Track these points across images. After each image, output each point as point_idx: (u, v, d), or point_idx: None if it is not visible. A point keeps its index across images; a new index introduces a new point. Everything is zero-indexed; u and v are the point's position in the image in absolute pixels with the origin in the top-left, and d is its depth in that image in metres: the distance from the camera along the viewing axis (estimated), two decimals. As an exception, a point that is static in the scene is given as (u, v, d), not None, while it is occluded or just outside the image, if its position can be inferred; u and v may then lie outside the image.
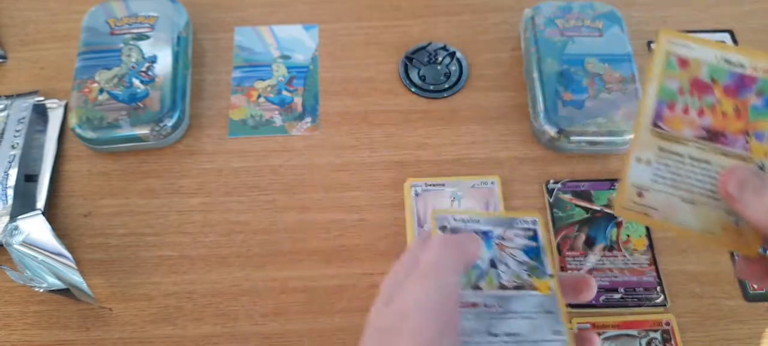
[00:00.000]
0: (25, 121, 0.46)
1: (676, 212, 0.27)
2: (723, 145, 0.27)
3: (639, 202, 0.28)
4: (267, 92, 0.49)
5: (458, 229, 0.28)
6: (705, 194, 0.27)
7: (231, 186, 0.45)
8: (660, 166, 0.27)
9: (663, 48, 0.28)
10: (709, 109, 0.27)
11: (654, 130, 0.27)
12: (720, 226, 0.27)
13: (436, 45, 0.51)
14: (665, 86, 0.27)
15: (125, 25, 0.48)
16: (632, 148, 0.28)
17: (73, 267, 0.38)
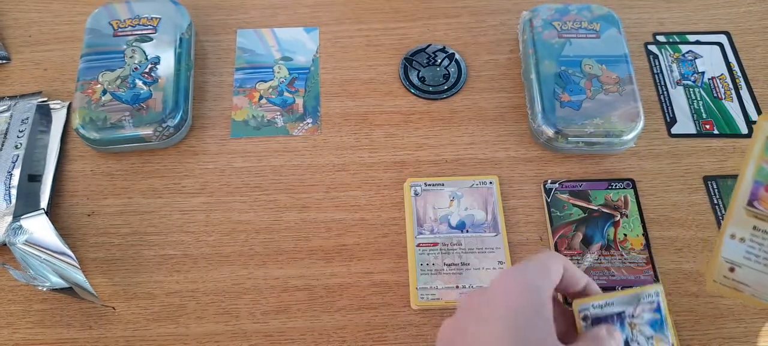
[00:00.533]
0: (28, 122, 0.46)
1: (765, 288, 0.28)
2: None
3: (730, 276, 0.29)
4: (269, 93, 0.49)
5: (598, 316, 0.30)
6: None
7: (233, 186, 0.45)
8: (754, 244, 0.29)
9: (763, 132, 0.29)
10: None
11: (749, 210, 0.29)
12: None
13: (435, 47, 0.52)
14: (763, 168, 0.28)
15: (128, 26, 0.48)
16: (726, 224, 0.29)
17: (76, 266, 0.38)
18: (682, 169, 0.46)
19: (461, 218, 0.43)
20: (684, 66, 0.51)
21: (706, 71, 0.51)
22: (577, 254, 0.42)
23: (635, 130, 0.44)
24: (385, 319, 0.40)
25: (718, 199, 0.45)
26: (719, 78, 0.50)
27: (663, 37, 0.53)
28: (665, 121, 0.48)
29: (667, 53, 0.52)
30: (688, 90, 0.50)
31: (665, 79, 0.50)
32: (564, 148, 0.45)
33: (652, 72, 0.51)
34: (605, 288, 0.41)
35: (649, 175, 0.45)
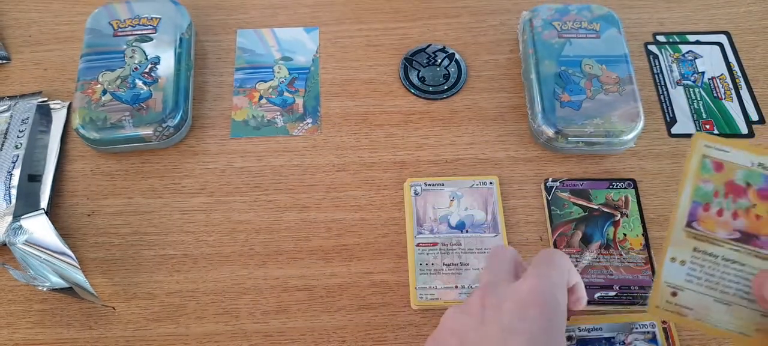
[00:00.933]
0: (28, 122, 0.46)
1: (710, 313, 0.27)
2: (757, 248, 0.27)
3: (673, 301, 0.28)
4: (269, 93, 0.49)
5: (585, 339, 0.31)
6: (739, 295, 0.27)
7: (233, 186, 0.45)
8: (694, 266, 0.28)
9: (698, 151, 0.28)
10: (743, 212, 0.27)
11: (688, 231, 0.28)
12: (754, 327, 0.27)
13: (435, 47, 0.52)
14: (700, 188, 0.28)
15: (128, 26, 0.48)
16: (666, 247, 0.28)
17: (76, 266, 0.38)
18: (682, 169, 0.46)
19: (461, 218, 0.43)
20: (684, 66, 0.51)
21: (706, 71, 0.51)
22: (576, 252, 0.42)
23: (635, 130, 0.44)
24: (385, 319, 0.40)
25: None
26: (719, 78, 0.50)
27: (663, 37, 0.53)
28: (665, 122, 0.48)
29: (667, 53, 0.52)
30: (688, 90, 0.50)
31: (665, 79, 0.50)
32: (564, 148, 0.45)
33: (652, 72, 0.51)
34: (603, 286, 0.41)
35: (649, 175, 0.45)
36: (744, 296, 0.27)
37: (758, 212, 0.27)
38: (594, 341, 0.39)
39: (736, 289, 0.27)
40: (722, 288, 0.27)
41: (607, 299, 0.40)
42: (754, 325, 0.27)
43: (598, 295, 0.40)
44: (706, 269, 0.28)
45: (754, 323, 0.27)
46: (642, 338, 0.38)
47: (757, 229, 0.27)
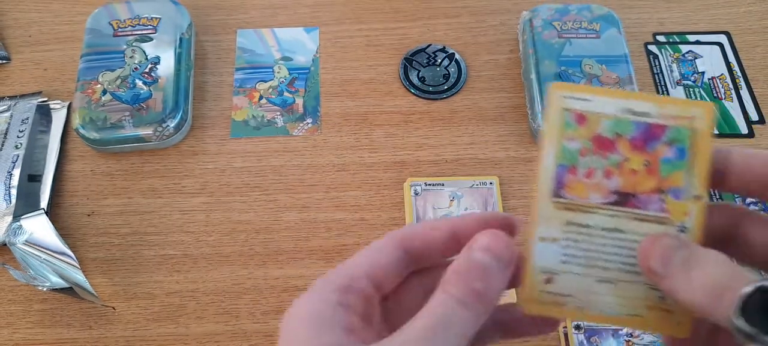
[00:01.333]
0: (28, 122, 0.46)
1: (593, 297, 0.23)
2: (636, 209, 0.23)
3: (548, 290, 0.23)
4: (269, 93, 0.49)
5: (593, 328, 0.25)
6: (623, 269, 0.23)
7: (233, 186, 0.45)
8: (569, 243, 0.23)
9: (557, 104, 0.23)
10: (616, 168, 0.23)
11: (557, 202, 0.23)
12: (645, 306, 0.22)
13: (435, 47, 0.52)
14: (564, 148, 0.23)
15: (128, 26, 0.48)
16: (532, 227, 0.23)
17: (76, 266, 0.38)
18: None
19: (461, 217, 0.43)
20: (684, 66, 0.51)
21: (706, 71, 0.51)
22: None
23: (635, 130, 0.44)
24: (385, 319, 0.40)
25: (718, 199, 0.45)
26: (719, 78, 0.50)
27: (663, 37, 0.53)
28: (665, 121, 0.48)
29: (667, 53, 0.52)
30: (688, 90, 0.50)
31: (665, 80, 0.50)
32: (564, 148, 0.45)
33: (652, 72, 0.51)
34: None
35: (649, 175, 0.45)
36: (629, 270, 0.23)
37: (633, 165, 0.23)
38: (601, 331, 0.39)
39: (620, 263, 0.23)
40: (603, 264, 0.23)
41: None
42: (645, 302, 0.22)
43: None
44: (582, 245, 0.23)
45: (645, 300, 0.22)
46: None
47: (634, 186, 0.23)
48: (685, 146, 0.23)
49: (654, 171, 0.23)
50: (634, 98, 0.23)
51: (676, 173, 0.23)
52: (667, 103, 0.23)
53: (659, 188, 0.23)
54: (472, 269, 0.20)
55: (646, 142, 0.23)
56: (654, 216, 0.22)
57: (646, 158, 0.23)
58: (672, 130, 0.23)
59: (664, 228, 0.22)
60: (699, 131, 0.23)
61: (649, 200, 0.22)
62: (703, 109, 0.23)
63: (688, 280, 0.19)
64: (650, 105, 0.23)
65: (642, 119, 0.23)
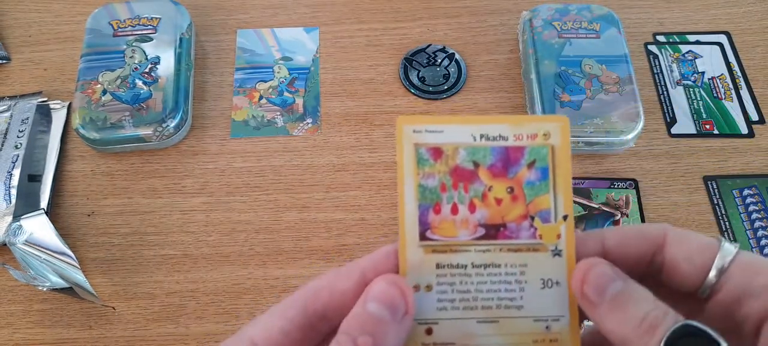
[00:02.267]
0: (28, 122, 0.46)
1: (476, 340, 0.21)
2: (508, 239, 0.22)
3: (429, 341, 0.21)
4: (269, 93, 0.49)
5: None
6: (504, 304, 0.21)
7: (233, 186, 0.45)
8: (444, 288, 0.21)
9: (407, 140, 0.22)
10: (479, 200, 0.22)
11: (425, 246, 0.21)
12: (531, 340, 0.21)
13: (435, 47, 0.52)
14: (423, 187, 0.22)
15: (128, 26, 0.48)
16: (403, 275, 0.21)
17: (76, 266, 0.38)
18: (682, 169, 0.46)
19: (461, 218, 0.43)
20: (684, 66, 0.51)
21: (706, 71, 0.51)
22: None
23: (635, 130, 0.44)
24: (385, 319, 0.40)
25: (718, 199, 0.45)
26: (719, 78, 0.50)
27: (663, 37, 0.53)
28: (665, 122, 0.48)
29: (667, 53, 0.52)
30: (688, 90, 0.50)
31: (665, 79, 0.50)
32: (564, 148, 0.45)
33: (652, 72, 0.51)
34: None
35: (649, 175, 0.45)
36: (510, 305, 0.21)
37: (496, 194, 0.22)
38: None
39: (499, 299, 0.21)
40: (483, 303, 0.21)
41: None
42: (530, 337, 0.21)
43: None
44: (458, 287, 0.21)
45: (530, 334, 0.21)
46: None
47: (501, 215, 0.22)
48: (547, 166, 0.22)
49: (519, 197, 0.22)
50: (487, 122, 0.22)
51: (541, 196, 0.22)
52: (522, 123, 0.22)
53: (526, 213, 0.22)
54: (363, 322, 0.19)
55: (506, 168, 0.22)
56: (527, 244, 0.22)
57: (508, 185, 0.22)
58: (530, 151, 0.22)
59: (540, 255, 0.22)
60: (557, 147, 0.22)
61: (520, 228, 0.22)
62: (557, 123, 0.22)
63: (619, 313, 0.19)
64: (504, 127, 0.22)
65: (499, 144, 0.22)
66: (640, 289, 0.20)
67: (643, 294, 0.20)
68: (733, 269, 0.20)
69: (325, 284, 0.21)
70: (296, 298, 0.21)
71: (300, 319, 0.20)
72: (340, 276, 0.21)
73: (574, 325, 0.22)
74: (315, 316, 0.21)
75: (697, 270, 0.21)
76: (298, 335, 0.20)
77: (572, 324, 0.22)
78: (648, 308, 0.19)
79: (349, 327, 0.19)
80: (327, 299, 0.20)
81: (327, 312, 0.20)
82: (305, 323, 0.20)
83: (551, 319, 0.21)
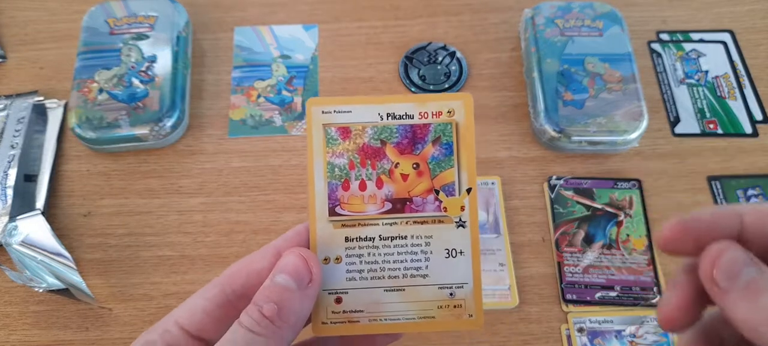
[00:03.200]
0: (24, 121, 0.46)
1: (383, 307, 0.23)
2: (413, 213, 0.23)
3: (339, 309, 0.23)
4: (267, 92, 0.49)
5: (595, 330, 0.26)
6: (410, 273, 0.23)
7: (231, 186, 0.44)
8: (353, 259, 0.23)
9: (316, 121, 0.23)
10: (386, 176, 0.23)
11: (334, 221, 0.23)
12: (436, 306, 0.23)
13: (435, 45, 0.51)
14: (332, 165, 0.23)
15: (125, 25, 0.48)
16: (313, 250, 0.23)
17: (73, 267, 0.38)
18: (686, 169, 0.45)
19: (462, 218, 0.43)
20: (687, 65, 0.50)
21: (710, 70, 0.50)
22: (578, 251, 0.42)
23: (639, 129, 0.44)
24: (385, 321, 0.39)
25: (721, 199, 0.44)
26: (723, 77, 0.50)
27: (666, 36, 0.52)
28: (669, 121, 0.48)
29: (671, 52, 0.51)
30: (691, 89, 0.49)
31: (669, 78, 0.50)
32: (567, 147, 0.45)
33: (655, 70, 0.50)
34: (604, 287, 0.40)
35: (652, 175, 0.45)
36: (416, 274, 0.23)
37: (403, 170, 0.23)
38: (604, 332, 0.39)
39: (406, 268, 0.23)
40: (390, 273, 0.23)
41: (608, 299, 0.40)
42: (435, 303, 0.23)
43: (599, 295, 0.40)
44: (366, 258, 0.23)
45: (435, 300, 0.23)
46: (653, 330, 0.38)
47: (408, 190, 0.23)
48: (451, 142, 0.23)
49: (424, 172, 0.23)
50: (393, 102, 0.23)
51: (446, 170, 0.23)
52: (426, 102, 0.23)
53: (432, 187, 0.23)
54: (270, 292, 0.21)
55: (412, 145, 0.23)
56: (432, 216, 0.23)
57: (414, 161, 0.23)
58: (435, 128, 0.23)
59: (445, 227, 0.23)
60: (461, 124, 0.23)
61: (425, 202, 0.23)
62: (460, 100, 0.23)
63: (752, 301, 0.18)
64: (410, 106, 0.23)
65: (405, 122, 0.23)
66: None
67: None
68: None
69: (243, 266, 0.23)
70: (216, 281, 0.23)
71: (220, 299, 0.22)
72: (256, 257, 0.23)
73: (477, 291, 0.23)
74: (234, 295, 0.22)
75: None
76: (218, 313, 0.22)
77: (476, 290, 0.23)
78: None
79: (258, 298, 0.21)
80: (244, 279, 0.22)
81: (246, 291, 0.22)
82: (225, 301, 0.22)
83: (455, 286, 0.23)
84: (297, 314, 0.21)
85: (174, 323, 0.22)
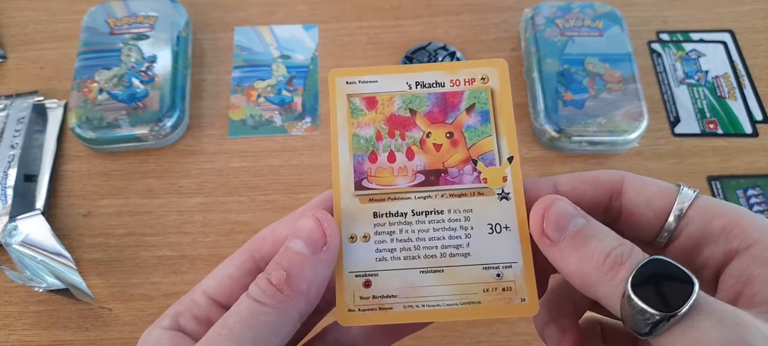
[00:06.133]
0: (24, 121, 0.46)
1: (420, 291, 0.20)
2: (448, 185, 0.21)
3: (368, 295, 0.20)
4: (267, 92, 0.49)
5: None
6: (448, 252, 0.20)
7: (231, 186, 0.44)
8: (383, 237, 0.20)
9: (340, 91, 0.22)
10: (418, 147, 0.21)
11: (360, 195, 0.21)
12: (481, 289, 0.20)
13: (436, 45, 0.51)
14: (357, 136, 0.21)
15: (125, 24, 0.48)
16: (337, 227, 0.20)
17: (73, 267, 0.38)
18: (686, 169, 0.45)
19: (462, 218, 0.43)
20: (688, 65, 0.50)
21: (710, 70, 0.50)
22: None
23: (639, 129, 0.44)
24: (385, 321, 0.39)
25: (722, 199, 0.44)
26: (723, 77, 0.50)
27: (666, 36, 0.52)
28: (669, 121, 0.48)
29: (671, 52, 0.51)
30: (691, 89, 0.49)
31: (669, 78, 0.50)
32: (567, 147, 0.45)
33: (655, 70, 0.50)
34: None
35: (652, 175, 0.44)
36: (456, 253, 0.20)
37: (435, 139, 0.21)
38: None
39: (444, 246, 0.20)
40: (426, 252, 0.20)
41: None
42: (481, 286, 0.20)
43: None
44: (398, 236, 0.20)
45: (480, 282, 0.20)
46: None
47: (442, 161, 0.21)
48: (487, 109, 0.21)
49: (459, 141, 0.21)
50: (422, 70, 0.22)
51: (483, 138, 0.21)
52: (458, 69, 0.22)
53: (468, 157, 0.21)
54: (281, 258, 0.19)
55: (444, 113, 0.22)
56: (470, 188, 0.21)
57: (447, 130, 0.21)
58: (469, 95, 0.22)
59: (486, 199, 0.21)
60: (497, 90, 0.22)
61: (462, 173, 0.21)
62: (495, 66, 0.22)
63: (581, 250, 0.18)
64: (441, 73, 0.22)
65: (435, 90, 0.22)
66: (603, 227, 0.19)
67: (606, 231, 0.19)
68: (691, 213, 0.20)
69: (269, 232, 0.21)
70: (244, 247, 0.21)
71: (248, 265, 0.21)
72: (282, 224, 0.21)
73: (529, 271, 0.20)
74: (262, 262, 0.21)
75: (656, 215, 0.20)
76: (246, 280, 0.21)
77: (526, 270, 0.20)
78: (612, 244, 0.18)
79: (269, 265, 0.19)
80: (271, 245, 0.21)
81: (272, 257, 0.21)
82: (253, 268, 0.21)
83: (503, 265, 0.20)
84: (309, 281, 0.19)
85: (201, 294, 0.21)
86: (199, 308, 0.21)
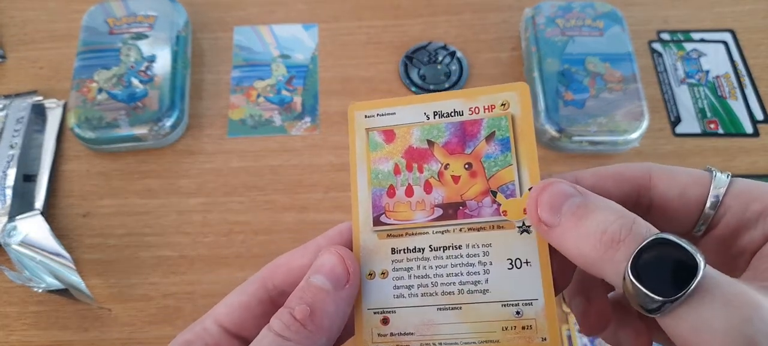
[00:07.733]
0: (23, 121, 0.46)
1: (437, 329, 0.19)
2: (468, 219, 0.20)
3: (386, 332, 0.20)
4: (266, 92, 0.49)
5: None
6: (466, 289, 0.20)
7: (230, 186, 0.44)
8: (400, 274, 0.20)
9: (359, 126, 0.21)
10: (436, 180, 0.21)
11: (379, 231, 0.21)
12: (500, 327, 0.19)
13: (436, 44, 0.51)
14: (376, 171, 0.21)
15: (124, 24, 0.48)
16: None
17: (72, 267, 0.38)
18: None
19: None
20: (688, 64, 0.50)
21: (711, 70, 0.50)
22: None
23: (639, 129, 0.44)
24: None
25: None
26: (724, 76, 0.50)
27: (667, 35, 0.52)
28: (669, 121, 0.48)
29: (672, 51, 0.51)
30: (692, 89, 0.49)
31: (669, 78, 0.50)
32: (567, 147, 0.45)
33: (656, 70, 0.50)
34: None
35: (652, 175, 0.45)
36: (474, 289, 0.19)
37: (453, 171, 0.20)
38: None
39: (462, 283, 0.20)
40: (443, 289, 0.20)
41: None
42: (499, 324, 0.19)
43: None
44: (416, 272, 0.20)
45: (499, 320, 0.19)
46: None
47: (460, 193, 0.20)
48: (507, 136, 0.20)
49: (478, 172, 0.20)
50: (440, 99, 0.21)
51: (504, 169, 0.20)
52: (477, 96, 0.21)
53: (487, 189, 0.20)
54: (303, 293, 0.19)
55: (463, 143, 0.21)
56: (489, 222, 0.20)
57: (466, 161, 0.20)
58: (488, 123, 0.21)
59: (505, 233, 0.20)
60: (517, 116, 0.21)
61: (481, 206, 0.20)
62: (515, 90, 0.21)
63: (577, 229, 0.17)
64: (459, 101, 0.21)
65: (454, 120, 0.21)
66: (603, 201, 0.18)
67: (604, 205, 0.17)
68: (728, 200, 0.18)
69: (284, 261, 0.21)
70: (257, 275, 0.21)
71: (260, 294, 0.21)
72: (297, 253, 0.21)
73: (550, 309, 0.19)
74: (275, 291, 0.21)
75: (692, 205, 0.19)
76: (259, 310, 0.21)
77: (548, 308, 0.19)
78: (609, 218, 0.17)
79: (290, 300, 0.19)
80: (284, 274, 0.21)
81: (285, 288, 0.21)
82: (266, 297, 0.21)
83: (523, 303, 0.19)
84: (331, 318, 0.19)
85: (213, 322, 0.21)
86: (211, 337, 0.20)
